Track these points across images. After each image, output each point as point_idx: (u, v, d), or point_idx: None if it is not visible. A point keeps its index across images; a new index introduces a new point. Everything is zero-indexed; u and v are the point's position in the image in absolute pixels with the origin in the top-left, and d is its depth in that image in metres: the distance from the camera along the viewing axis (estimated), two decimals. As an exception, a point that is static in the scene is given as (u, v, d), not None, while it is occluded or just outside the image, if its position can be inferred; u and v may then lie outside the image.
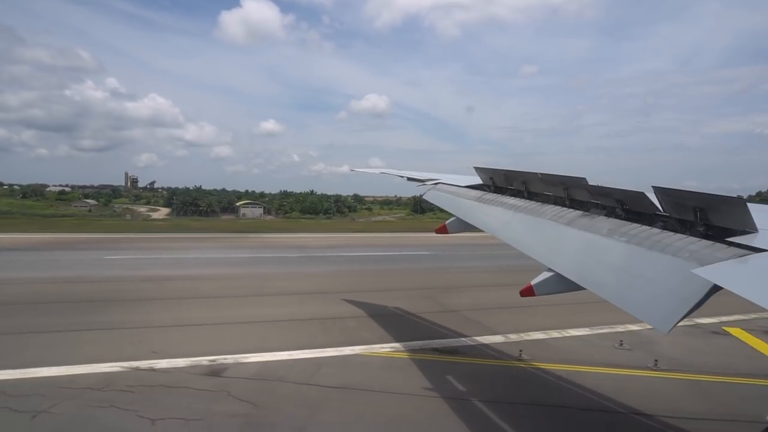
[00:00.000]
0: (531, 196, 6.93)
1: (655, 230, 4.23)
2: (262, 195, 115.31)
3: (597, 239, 4.74)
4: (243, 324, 14.02)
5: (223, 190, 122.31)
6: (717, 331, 14.58)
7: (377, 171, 15.67)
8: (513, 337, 13.28)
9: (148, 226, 58.67)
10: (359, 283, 21.38)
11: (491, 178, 8.27)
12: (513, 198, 7.26)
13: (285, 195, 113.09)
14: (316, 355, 11.41)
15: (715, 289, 3.14)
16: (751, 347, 13.08)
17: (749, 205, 3.62)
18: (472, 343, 12.67)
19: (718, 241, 3.64)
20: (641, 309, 3.66)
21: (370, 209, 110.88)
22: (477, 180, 8.95)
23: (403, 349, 12.04)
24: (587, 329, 14.19)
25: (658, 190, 4.29)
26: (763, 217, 3.68)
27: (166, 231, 47.49)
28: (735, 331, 14.52)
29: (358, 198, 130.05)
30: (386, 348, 12.08)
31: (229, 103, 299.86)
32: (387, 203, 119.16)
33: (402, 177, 13.35)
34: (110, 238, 38.19)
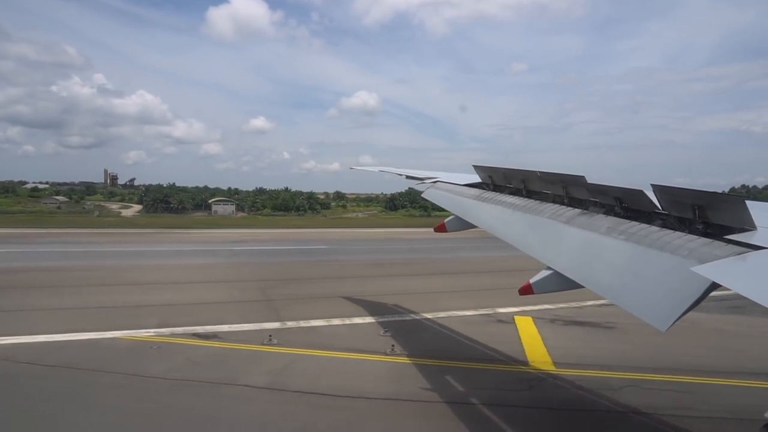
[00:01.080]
0: (530, 194, 6.92)
1: (654, 228, 4.22)
2: (237, 192, 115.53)
3: (596, 237, 4.73)
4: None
5: (201, 187, 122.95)
6: (506, 320, 15.20)
7: (376, 169, 15.64)
8: (290, 324, 14.29)
9: (99, 222, 60.89)
10: (210, 275, 23.24)
11: (490, 177, 8.26)
12: (512, 196, 7.25)
13: (259, 192, 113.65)
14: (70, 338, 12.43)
15: (714, 286, 3.14)
16: (518, 334, 13.63)
17: (748, 202, 3.61)
18: (237, 329, 13.53)
19: (716, 239, 3.63)
20: (640, 307, 3.66)
21: (344, 206, 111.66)
22: (476, 178, 8.94)
23: (167, 333, 12.92)
24: (373, 318, 15.13)
25: (657, 188, 4.28)
26: (762, 214, 3.67)
27: (115, 226, 50.84)
28: (523, 320, 15.05)
29: (340, 195, 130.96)
30: (151, 332, 12.99)
31: (219, 100, 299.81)
32: (369, 200, 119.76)
33: (401, 175, 13.33)
34: (36, 233, 41.32)
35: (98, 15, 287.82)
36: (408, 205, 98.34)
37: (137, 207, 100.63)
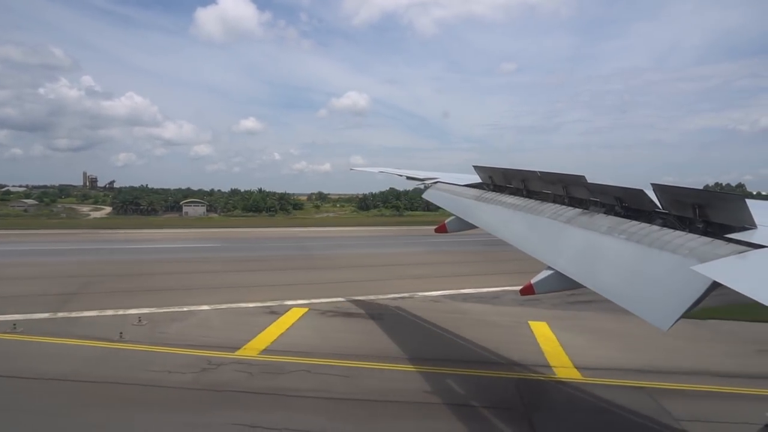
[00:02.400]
0: (530, 194, 6.92)
1: (655, 227, 4.22)
2: (211, 193, 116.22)
3: (596, 237, 4.73)
4: None
5: (174, 189, 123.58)
6: (278, 311, 16.93)
7: (376, 170, 15.65)
8: (60, 314, 16.10)
9: (44, 224, 61.61)
10: (39, 270, 24.87)
11: (490, 177, 8.26)
12: (512, 196, 7.25)
13: (232, 193, 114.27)
14: None
15: (715, 285, 3.13)
16: (270, 324, 15.29)
17: (748, 201, 3.61)
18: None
19: (717, 238, 3.62)
20: (641, 306, 3.65)
21: (318, 206, 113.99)
22: (476, 179, 8.94)
23: None
24: (150, 309, 16.80)
25: (657, 188, 4.28)
26: (762, 213, 3.67)
27: (59, 227, 52.59)
28: (293, 312, 16.76)
29: (322, 195, 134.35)
30: None
31: (208, 102, 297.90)
32: (350, 200, 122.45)
33: (401, 176, 13.34)
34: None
35: (85, 16, 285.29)
36: (380, 204, 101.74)
37: (109, 209, 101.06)
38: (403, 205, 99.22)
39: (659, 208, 4.42)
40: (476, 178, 8.94)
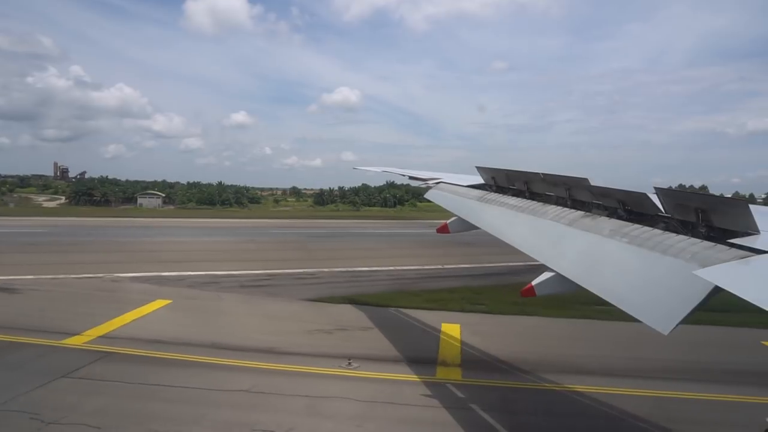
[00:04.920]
0: (533, 196, 6.92)
1: (657, 231, 4.22)
2: (172, 186, 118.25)
3: (598, 240, 4.74)
4: None
5: (133, 181, 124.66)
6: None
7: (379, 170, 15.67)
8: None
9: None
10: None
11: (493, 178, 8.26)
12: (514, 198, 7.25)
13: (192, 186, 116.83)
14: None
15: (717, 290, 3.13)
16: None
17: (751, 206, 3.61)
18: None
19: (719, 243, 3.62)
20: (642, 310, 3.65)
21: (277, 201, 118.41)
22: (478, 179, 8.95)
23: None
24: None
25: (660, 192, 4.28)
26: (765, 218, 3.66)
27: None
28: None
29: (296, 190, 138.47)
30: None
31: (199, 94, 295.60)
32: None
33: (404, 176, 13.35)
34: None
35: (74, 5, 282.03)
36: (338, 200, 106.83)
37: (62, 200, 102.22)
38: (360, 201, 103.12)
39: (662, 212, 4.42)
40: (479, 179, 8.94)
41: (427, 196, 10.73)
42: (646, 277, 3.93)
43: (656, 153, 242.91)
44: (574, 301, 16.85)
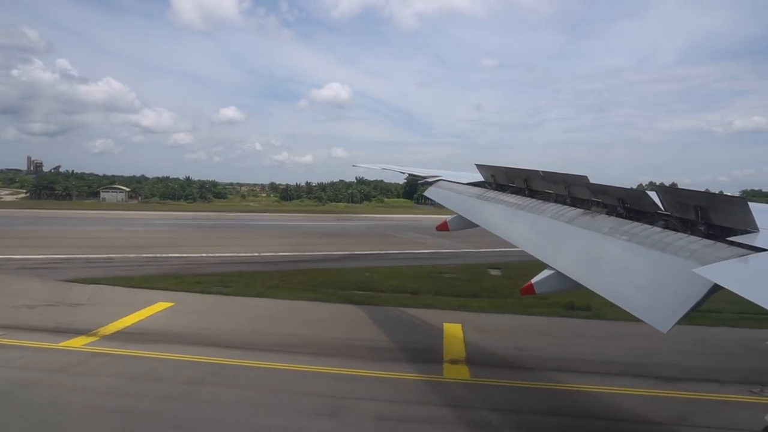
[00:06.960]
0: (532, 193, 6.92)
1: (656, 229, 4.22)
2: (139, 181, 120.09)
3: (598, 238, 4.73)
4: None
5: (100, 175, 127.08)
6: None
7: (378, 167, 15.68)
8: None
9: None
10: None
11: (492, 176, 8.25)
12: (514, 196, 7.24)
13: (158, 181, 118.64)
14: None
15: (716, 288, 3.14)
16: None
17: (751, 204, 3.61)
18: None
19: (719, 241, 3.62)
20: (641, 308, 3.65)
21: (244, 196, 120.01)
22: (478, 177, 8.94)
23: None
24: None
25: (660, 189, 4.28)
26: (765, 216, 3.66)
27: None
28: None
29: (273, 186, 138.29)
30: None
31: (188, 89, 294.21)
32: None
33: (403, 173, 13.34)
34: None
35: None
36: (303, 195, 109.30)
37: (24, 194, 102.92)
38: (326, 196, 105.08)
39: (661, 210, 4.42)
40: (478, 177, 8.93)
41: (427, 193, 10.73)
42: (645, 275, 3.93)
43: (646, 151, 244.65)
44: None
